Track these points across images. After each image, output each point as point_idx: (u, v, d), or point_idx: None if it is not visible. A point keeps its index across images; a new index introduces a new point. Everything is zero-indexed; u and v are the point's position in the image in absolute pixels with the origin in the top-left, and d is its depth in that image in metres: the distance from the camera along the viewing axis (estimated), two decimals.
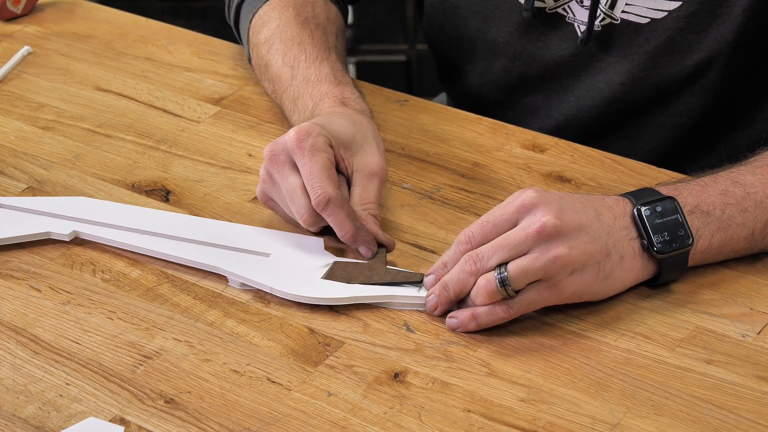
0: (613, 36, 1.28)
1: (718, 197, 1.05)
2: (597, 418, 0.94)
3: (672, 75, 1.28)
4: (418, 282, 1.05)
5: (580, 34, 1.29)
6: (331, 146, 1.09)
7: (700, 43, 1.26)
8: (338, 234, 1.08)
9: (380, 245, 1.09)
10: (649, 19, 1.26)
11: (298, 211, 1.07)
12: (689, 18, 1.25)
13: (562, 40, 1.31)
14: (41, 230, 1.13)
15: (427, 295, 1.04)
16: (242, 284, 1.07)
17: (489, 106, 1.38)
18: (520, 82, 1.36)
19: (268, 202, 1.12)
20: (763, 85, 1.30)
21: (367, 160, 1.12)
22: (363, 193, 1.11)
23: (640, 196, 1.04)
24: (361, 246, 1.08)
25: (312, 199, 1.06)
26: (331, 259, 1.08)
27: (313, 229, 1.10)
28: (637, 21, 1.26)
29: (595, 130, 1.34)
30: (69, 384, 0.98)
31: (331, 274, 1.07)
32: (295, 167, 1.08)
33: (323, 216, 1.07)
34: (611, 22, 1.27)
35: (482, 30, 1.35)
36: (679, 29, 1.25)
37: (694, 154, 1.32)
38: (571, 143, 1.25)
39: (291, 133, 1.08)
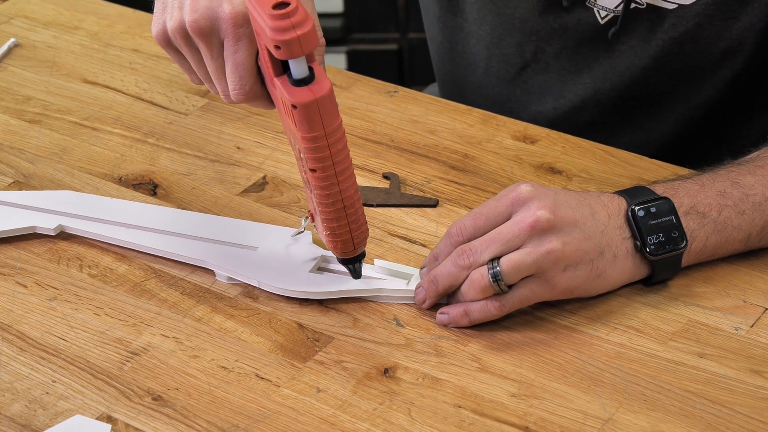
0: (637, 20, 1.26)
1: (715, 198, 1.04)
2: (589, 413, 0.93)
3: (696, 62, 1.26)
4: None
5: (600, 19, 1.27)
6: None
7: (728, 31, 1.24)
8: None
9: (394, 174, 1.15)
10: (677, 5, 1.24)
11: (215, 89, 1.05)
12: (719, 5, 1.22)
13: (581, 24, 1.29)
14: (26, 224, 1.12)
15: (416, 288, 1.03)
16: (229, 278, 1.06)
17: (494, 83, 1.36)
18: (534, 60, 1.34)
19: (168, 49, 1.06)
20: None
21: None
22: None
23: (636, 194, 1.03)
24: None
25: (231, 92, 1.02)
26: (319, 252, 1.07)
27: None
28: (664, 6, 1.24)
29: (611, 115, 1.32)
30: (55, 381, 0.97)
31: None
32: (221, 47, 1.02)
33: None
34: (636, 6, 1.25)
35: (496, 2, 1.33)
36: (708, 16, 1.23)
37: (698, 146, 1.31)
38: (562, 134, 1.24)
39: (226, 10, 1.00)
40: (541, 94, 1.35)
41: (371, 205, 1.14)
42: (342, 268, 1.06)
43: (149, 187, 1.19)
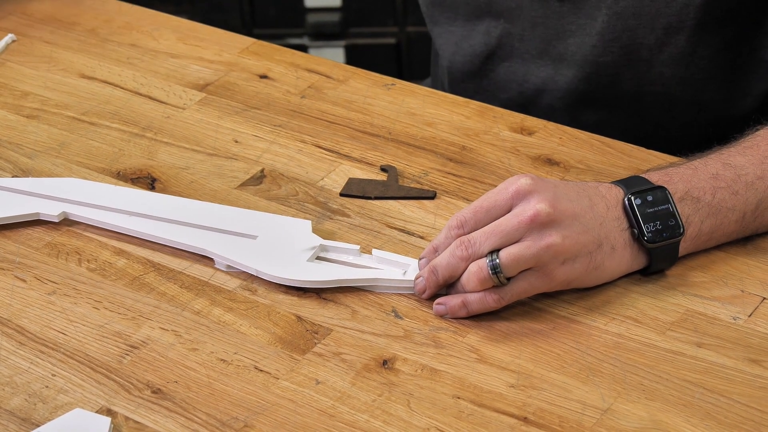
0: None
1: (709, 181, 1.04)
2: (587, 403, 0.93)
3: (641, 39, 1.28)
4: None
5: None
6: None
7: (668, 7, 1.25)
8: None
9: (391, 166, 1.17)
10: None
11: None
12: None
13: (535, 1, 1.30)
14: (30, 211, 1.12)
15: (416, 278, 1.03)
16: (228, 266, 1.06)
17: (462, 77, 1.37)
18: (498, 45, 1.35)
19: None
20: (741, 65, 1.29)
21: None
22: None
23: (631, 184, 1.03)
24: None
25: None
26: (318, 241, 1.07)
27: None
28: None
29: (573, 96, 1.33)
30: (55, 375, 0.97)
31: (348, 189, 1.15)
32: None
33: None
34: None
35: None
36: None
37: (682, 135, 1.31)
38: (559, 126, 1.24)
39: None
40: (506, 81, 1.36)
41: (369, 198, 1.14)
42: (341, 258, 1.06)
43: (147, 182, 1.19)
